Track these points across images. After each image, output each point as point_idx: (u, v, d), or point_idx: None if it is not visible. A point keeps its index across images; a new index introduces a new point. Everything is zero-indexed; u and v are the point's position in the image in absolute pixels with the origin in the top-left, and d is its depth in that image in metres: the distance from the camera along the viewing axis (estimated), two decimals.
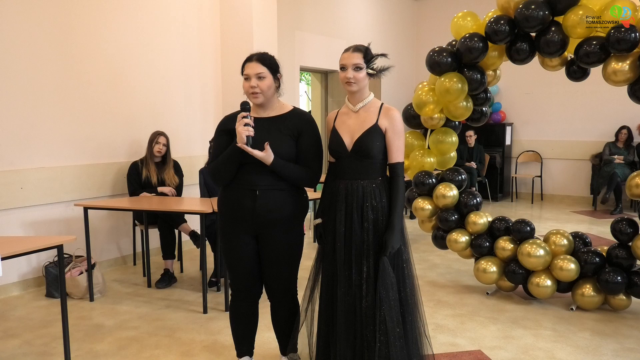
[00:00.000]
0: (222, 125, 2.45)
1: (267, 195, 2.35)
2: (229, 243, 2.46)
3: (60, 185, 4.39)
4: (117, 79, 4.82)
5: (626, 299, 3.57)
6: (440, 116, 4.05)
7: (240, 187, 2.37)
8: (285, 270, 2.48)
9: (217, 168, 2.37)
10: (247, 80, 2.34)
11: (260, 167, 2.32)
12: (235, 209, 2.38)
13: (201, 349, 3.11)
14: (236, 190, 2.38)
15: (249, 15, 5.60)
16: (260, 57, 2.35)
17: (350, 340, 2.31)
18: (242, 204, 2.36)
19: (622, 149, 7.50)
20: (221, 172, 2.37)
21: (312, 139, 2.42)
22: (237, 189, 2.38)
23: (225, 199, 2.43)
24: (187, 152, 5.50)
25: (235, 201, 2.38)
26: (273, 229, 2.40)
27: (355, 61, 2.27)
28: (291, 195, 2.41)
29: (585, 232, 4.03)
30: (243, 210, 2.37)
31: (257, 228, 2.40)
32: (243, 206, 2.36)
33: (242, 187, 2.36)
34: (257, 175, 2.34)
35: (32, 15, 4.14)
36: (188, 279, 4.56)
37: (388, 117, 2.32)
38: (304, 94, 10.04)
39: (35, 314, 3.73)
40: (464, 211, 4.01)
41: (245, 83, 2.35)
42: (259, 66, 2.32)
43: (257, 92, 2.33)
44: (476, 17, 3.90)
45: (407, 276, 2.34)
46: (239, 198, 2.37)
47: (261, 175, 2.34)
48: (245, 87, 2.35)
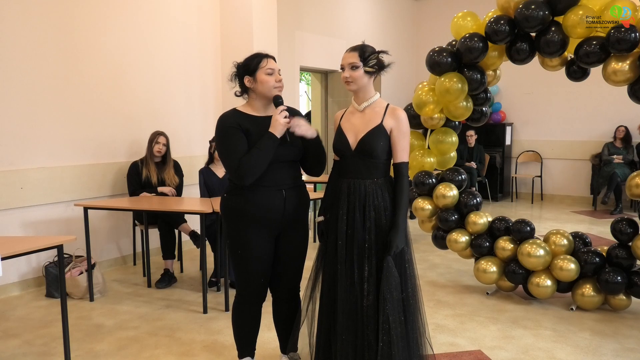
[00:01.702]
0: (233, 123, 2.35)
1: (292, 194, 2.42)
2: (248, 245, 2.39)
3: (60, 185, 4.39)
4: (117, 79, 4.82)
5: (626, 299, 3.57)
6: (440, 116, 4.05)
7: (268, 188, 2.35)
8: (299, 267, 2.57)
9: (256, 162, 2.27)
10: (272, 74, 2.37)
11: (284, 166, 2.37)
12: (265, 211, 2.36)
13: (201, 349, 3.11)
14: (264, 191, 2.35)
15: (249, 15, 5.60)
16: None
17: (351, 340, 2.31)
18: (272, 205, 2.36)
19: (620, 149, 7.50)
20: (258, 167, 2.28)
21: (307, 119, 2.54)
22: (265, 190, 2.36)
23: (252, 200, 2.36)
24: (187, 152, 5.50)
25: (265, 203, 2.36)
26: (296, 226, 2.48)
27: (350, 60, 2.30)
28: (306, 191, 2.53)
29: (585, 232, 4.03)
30: (273, 211, 2.37)
31: (282, 227, 2.44)
32: (273, 207, 2.37)
33: (270, 188, 2.36)
34: (281, 174, 2.37)
35: (32, 16, 4.14)
36: (188, 279, 4.56)
37: (394, 117, 2.32)
38: (304, 94, 10.04)
39: (35, 314, 3.73)
40: (464, 211, 4.01)
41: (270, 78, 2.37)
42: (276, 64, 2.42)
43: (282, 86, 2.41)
44: (476, 17, 3.90)
45: (409, 276, 2.35)
46: (269, 199, 2.36)
47: (285, 174, 2.39)
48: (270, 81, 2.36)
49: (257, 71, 2.36)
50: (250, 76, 2.38)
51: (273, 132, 2.30)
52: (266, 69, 2.35)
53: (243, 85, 2.43)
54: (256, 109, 2.43)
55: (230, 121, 2.37)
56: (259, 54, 2.40)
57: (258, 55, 2.40)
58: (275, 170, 2.36)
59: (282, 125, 2.30)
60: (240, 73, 2.42)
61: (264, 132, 2.32)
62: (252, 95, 2.43)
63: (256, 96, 2.41)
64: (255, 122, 2.38)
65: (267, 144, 2.28)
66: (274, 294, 2.62)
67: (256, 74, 2.36)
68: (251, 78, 2.38)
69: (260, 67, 2.36)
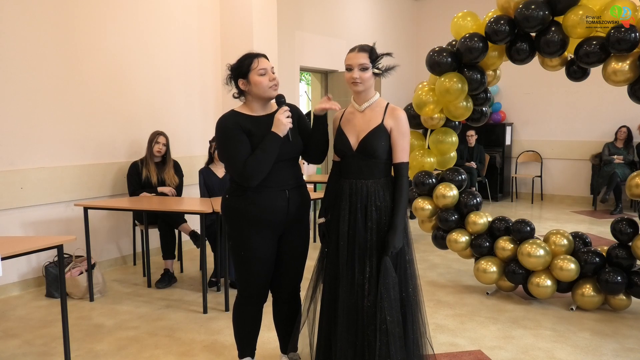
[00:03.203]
0: (235, 124, 2.33)
1: (295, 194, 2.43)
2: (250, 246, 2.39)
3: (60, 185, 4.39)
4: (117, 79, 4.82)
5: (626, 299, 3.57)
6: (440, 116, 4.05)
7: (272, 189, 2.35)
8: (299, 267, 2.57)
9: (261, 163, 2.27)
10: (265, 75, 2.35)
11: (285, 165, 2.38)
12: (269, 211, 2.36)
13: (201, 349, 3.11)
14: (268, 192, 2.35)
15: (249, 15, 5.60)
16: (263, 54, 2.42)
17: (351, 340, 2.31)
18: (276, 205, 2.36)
19: (621, 149, 7.50)
20: (264, 168, 2.28)
21: (306, 120, 2.53)
22: (269, 191, 2.35)
23: (255, 202, 2.35)
24: (187, 152, 5.50)
25: (268, 204, 2.35)
26: (298, 226, 2.49)
27: (361, 61, 2.27)
28: (306, 191, 2.53)
29: (585, 232, 4.03)
30: (277, 213, 2.37)
31: (286, 227, 2.44)
32: (277, 208, 2.37)
33: (274, 188, 2.36)
34: (283, 174, 2.38)
35: (32, 16, 4.14)
36: (188, 279, 4.56)
37: (393, 117, 2.31)
38: (304, 94, 10.04)
39: (35, 314, 3.73)
40: (464, 211, 4.01)
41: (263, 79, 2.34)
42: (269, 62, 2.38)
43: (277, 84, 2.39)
44: (476, 17, 3.90)
45: (409, 276, 2.34)
46: (272, 199, 2.36)
47: (287, 174, 2.40)
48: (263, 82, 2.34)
49: (250, 73, 2.33)
50: (244, 79, 2.35)
51: (276, 131, 2.29)
52: (258, 69, 2.31)
53: (239, 87, 2.40)
54: (255, 110, 2.42)
55: (230, 123, 2.34)
56: (249, 55, 2.36)
57: (249, 56, 2.36)
58: (278, 171, 2.35)
59: (284, 125, 2.30)
60: (234, 76, 2.39)
61: (266, 131, 2.31)
62: (249, 97, 2.40)
63: (252, 98, 2.39)
64: (256, 123, 2.37)
65: (270, 144, 2.28)
66: (275, 294, 2.62)
67: (249, 76, 2.33)
68: (245, 81, 2.35)
69: (252, 69, 2.32)
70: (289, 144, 2.35)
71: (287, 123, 2.31)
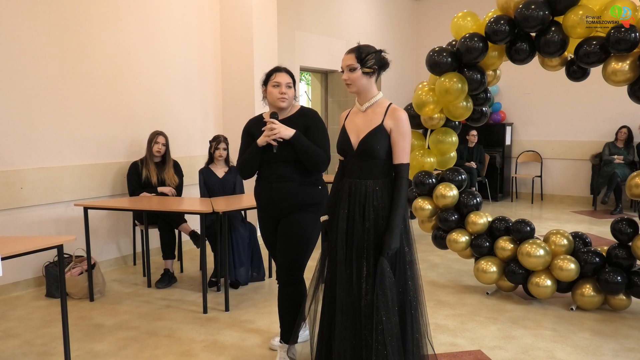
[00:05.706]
0: (247, 128, 2.86)
1: (280, 187, 2.73)
2: (263, 227, 2.90)
3: (60, 185, 4.39)
4: (117, 78, 4.82)
5: (626, 299, 3.57)
6: (440, 116, 4.05)
7: (263, 181, 2.80)
8: (290, 256, 2.73)
9: (243, 163, 2.80)
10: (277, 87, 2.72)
11: (275, 164, 2.72)
12: (259, 198, 2.84)
13: (201, 349, 3.11)
14: (260, 184, 2.83)
15: (249, 15, 5.60)
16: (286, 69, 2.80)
17: (349, 340, 2.31)
18: (264, 194, 2.79)
19: (621, 149, 7.50)
20: (245, 168, 2.80)
21: (317, 130, 2.76)
22: (261, 183, 2.82)
23: (255, 191, 2.87)
24: (187, 152, 5.50)
25: (260, 193, 2.82)
26: (289, 213, 2.75)
27: (348, 62, 2.34)
28: (300, 186, 2.73)
29: (585, 232, 4.03)
30: (265, 200, 2.80)
31: (277, 213, 2.78)
32: (264, 196, 2.79)
33: (264, 181, 2.79)
34: (272, 170, 2.74)
35: (32, 15, 4.14)
36: (188, 279, 4.56)
37: (393, 118, 2.31)
38: (304, 94, 10.05)
39: (35, 314, 3.73)
40: (464, 211, 4.01)
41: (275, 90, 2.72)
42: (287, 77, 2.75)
43: (285, 97, 2.73)
44: (476, 17, 3.90)
45: (410, 277, 2.33)
46: (262, 190, 2.80)
47: (275, 170, 2.73)
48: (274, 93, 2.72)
49: (268, 83, 2.76)
50: (264, 86, 2.80)
51: (257, 141, 2.70)
52: (273, 81, 2.73)
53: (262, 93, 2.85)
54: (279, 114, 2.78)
55: (246, 126, 2.88)
56: (275, 67, 2.79)
57: (275, 68, 2.79)
58: (270, 168, 2.75)
59: (261, 138, 2.68)
60: (262, 82, 2.83)
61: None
62: (268, 102, 2.82)
63: (269, 103, 2.82)
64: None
65: (250, 151, 2.75)
66: (277, 277, 2.85)
67: (267, 85, 2.77)
68: (265, 88, 2.80)
69: (270, 80, 2.75)
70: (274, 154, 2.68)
71: (264, 137, 2.66)
